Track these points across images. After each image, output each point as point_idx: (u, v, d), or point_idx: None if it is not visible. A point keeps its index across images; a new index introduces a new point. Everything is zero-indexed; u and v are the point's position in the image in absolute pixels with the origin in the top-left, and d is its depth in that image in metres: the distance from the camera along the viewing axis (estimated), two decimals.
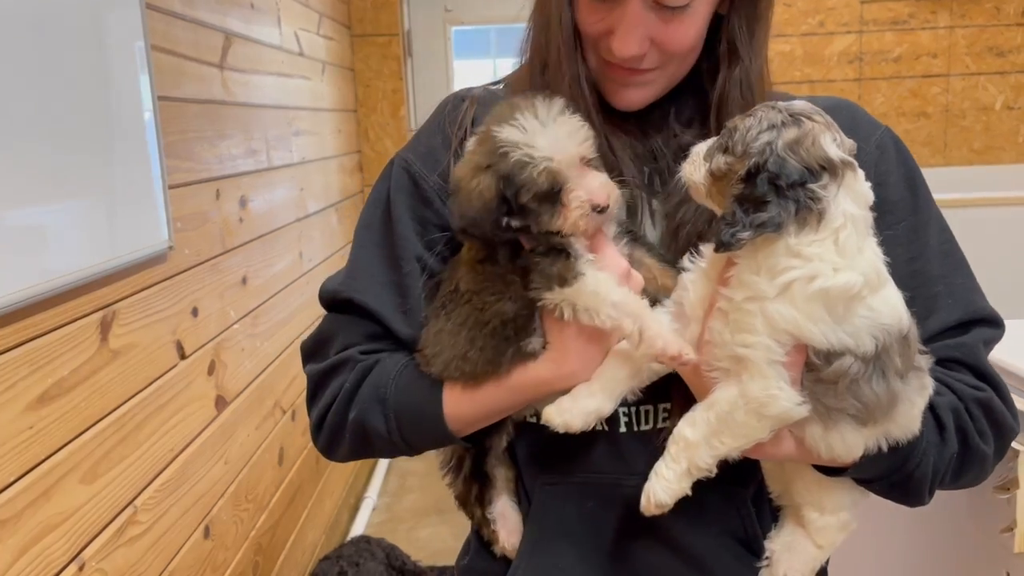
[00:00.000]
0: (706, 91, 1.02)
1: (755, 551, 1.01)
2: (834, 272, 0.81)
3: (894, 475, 0.92)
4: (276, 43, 2.82)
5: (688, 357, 0.87)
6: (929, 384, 0.89)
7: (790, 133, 0.82)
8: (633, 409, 1.01)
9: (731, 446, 0.86)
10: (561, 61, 0.98)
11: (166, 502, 1.82)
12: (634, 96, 1.00)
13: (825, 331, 0.81)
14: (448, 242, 1.04)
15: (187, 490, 1.93)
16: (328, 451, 1.08)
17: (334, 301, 1.06)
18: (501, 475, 1.07)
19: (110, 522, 1.58)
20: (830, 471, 0.93)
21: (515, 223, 0.91)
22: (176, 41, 1.99)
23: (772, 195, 0.80)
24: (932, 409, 0.91)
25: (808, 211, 0.80)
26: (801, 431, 0.87)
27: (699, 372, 0.88)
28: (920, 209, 1.02)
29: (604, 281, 0.89)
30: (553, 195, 0.89)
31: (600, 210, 0.89)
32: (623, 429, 1.02)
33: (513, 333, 0.95)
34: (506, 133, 0.90)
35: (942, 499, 1.26)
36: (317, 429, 1.06)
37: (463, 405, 0.98)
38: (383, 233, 1.05)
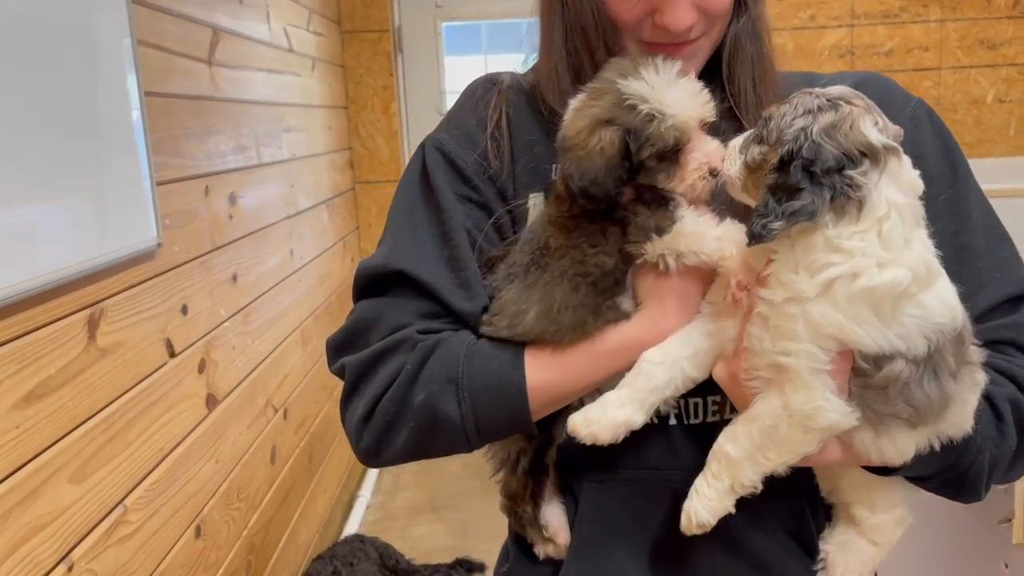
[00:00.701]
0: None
1: (809, 550, 0.98)
2: (879, 268, 0.75)
3: (948, 472, 0.88)
4: (265, 39, 2.80)
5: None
6: (982, 379, 0.84)
7: (826, 118, 0.77)
8: (682, 402, 0.97)
9: (777, 461, 0.81)
10: (604, 52, 0.95)
11: (156, 501, 1.80)
12: (686, 70, 0.96)
13: (873, 334, 0.75)
14: (493, 224, 1.01)
15: (178, 489, 1.91)
16: (377, 449, 0.95)
17: (378, 277, 0.97)
18: (553, 475, 1.03)
19: (100, 522, 1.56)
20: (880, 470, 0.88)
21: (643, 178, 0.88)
22: (163, 36, 1.97)
23: (806, 182, 0.75)
24: (989, 400, 0.87)
25: (846, 199, 0.75)
26: (849, 437, 0.82)
27: (738, 380, 0.83)
28: (960, 180, 0.98)
29: (703, 221, 0.88)
30: (673, 154, 0.87)
31: (715, 174, 0.88)
32: (673, 422, 0.98)
33: (613, 284, 0.92)
34: (634, 86, 0.87)
35: None
36: (364, 423, 0.94)
37: (547, 374, 0.91)
38: (425, 209, 1.00)
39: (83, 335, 1.54)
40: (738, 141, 0.84)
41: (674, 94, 0.87)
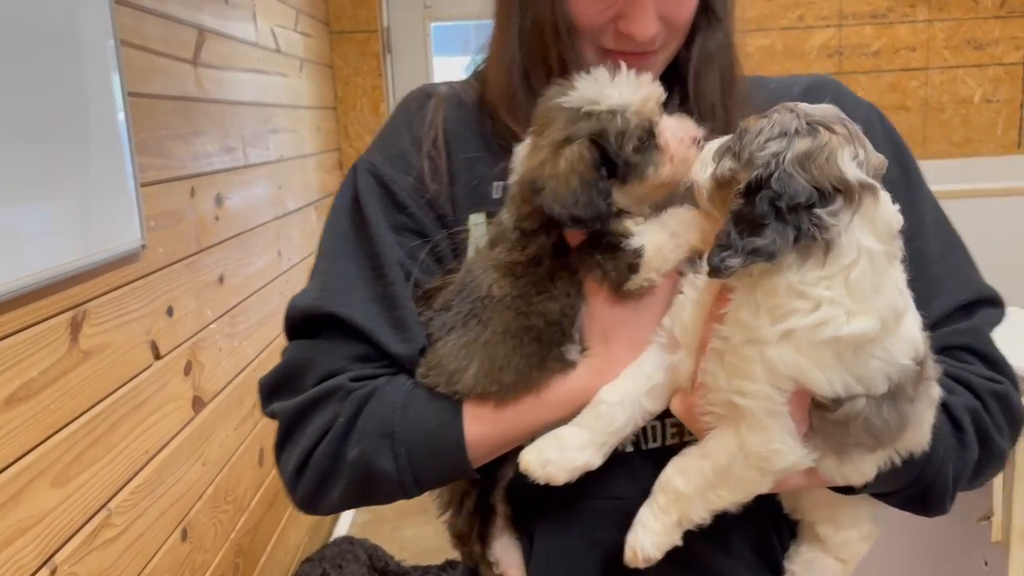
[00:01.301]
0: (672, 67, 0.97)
1: (776, 569, 0.96)
2: (847, 317, 0.70)
3: (912, 488, 0.86)
4: (252, 39, 2.79)
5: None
6: (937, 394, 0.81)
7: (802, 144, 0.71)
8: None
9: (729, 500, 0.78)
10: (562, 57, 0.92)
11: (142, 504, 1.79)
12: None
13: (833, 378, 0.72)
14: (430, 251, 0.95)
15: (164, 492, 1.90)
16: (312, 501, 0.91)
17: (309, 320, 0.92)
18: (501, 511, 0.99)
19: (83, 525, 1.56)
20: (844, 489, 0.85)
21: (616, 189, 0.83)
22: (147, 37, 1.96)
23: (771, 217, 0.69)
24: (948, 411, 0.86)
25: (812, 240, 0.69)
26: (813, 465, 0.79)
27: (692, 415, 0.81)
28: (912, 186, 0.98)
29: (653, 233, 0.85)
30: (648, 142, 0.84)
31: (698, 143, 0.84)
32: (630, 448, 0.94)
33: (559, 335, 0.88)
34: (579, 95, 0.84)
35: None
36: (298, 474, 0.90)
37: (488, 427, 0.87)
38: (357, 241, 0.94)
39: (66, 337, 1.53)
40: (714, 145, 0.80)
41: (619, 88, 0.84)
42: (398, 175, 0.96)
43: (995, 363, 0.93)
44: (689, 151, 0.84)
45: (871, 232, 0.71)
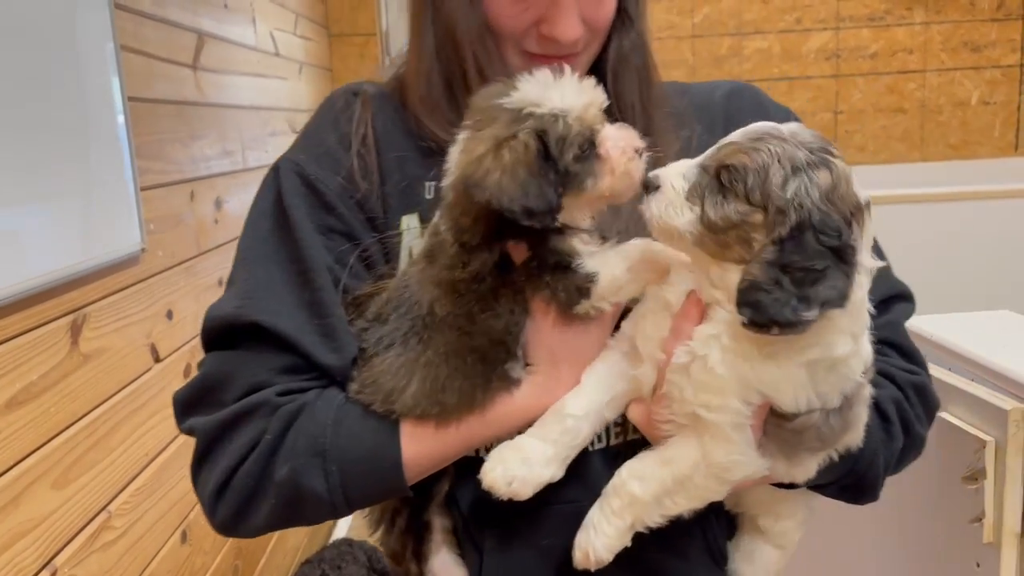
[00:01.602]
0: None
1: (718, 560, 0.98)
2: (853, 340, 0.72)
3: (846, 479, 0.90)
4: (251, 43, 2.81)
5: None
6: (869, 393, 0.84)
7: (823, 178, 0.69)
8: None
9: (684, 507, 0.79)
10: (479, 64, 0.90)
11: (142, 507, 1.80)
12: None
13: (799, 395, 0.74)
14: (360, 255, 0.91)
15: (163, 494, 1.91)
16: (234, 523, 0.86)
17: (230, 330, 0.86)
18: (438, 525, 0.95)
19: (83, 528, 1.56)
20: (784, 485, 0.89)
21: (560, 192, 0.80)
22: (146, 41, 1.97)
23: (828, 259, 0.67)
24: (876, 405, 0.88)
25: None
26: None
27: (652, 424, 0.82)
28: None
29: (609, 262, 0.82)
30: (589, 151, 0.80)
31: (640, 154, 0.82)
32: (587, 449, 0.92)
33: (503, 353, 0.85)
34: (522, 96, 0.80)
35: (911, 491, 1.27)
36: (218, 495, 0.85)
37: (427, 445, 0.85)
38: (281, 245, 0.89)
39: (66, 341, 1.54)
40: (678, 184, 0.74)
41: (562, 92, 0.81)
42: (325, 174, 0.92)
43: (911, 354, 0.97)
44: (631, 164, 0.81)
45: (867, 248, 0.71)
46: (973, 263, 3.10)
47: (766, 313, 0.67)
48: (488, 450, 0.88)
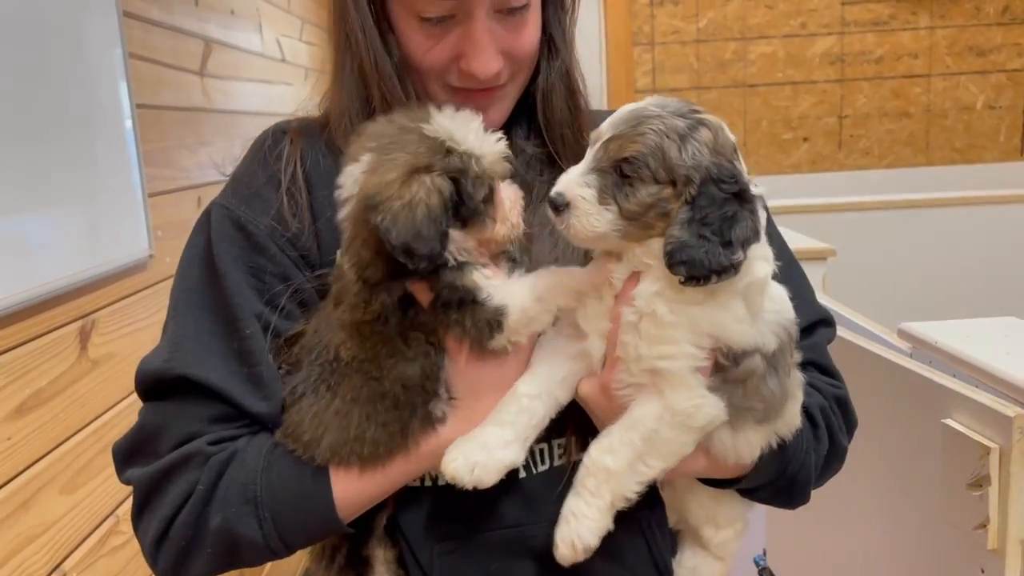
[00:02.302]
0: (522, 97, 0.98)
1: (663, 572, 0.99)
2: (767, 262, 0.80)
3: (780, 480, 0.93)
4: (257, 49, 2.82)
5: (616, 276, 0.82)
6: (802, 379, 0.89)
7: (705, 135, 0.77)
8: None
9: (658, 468, 0.81)
10: (390, 101, 0.89)
11: None
12: (494, 116, 0.94)
13: (745, 330, 0.79)
14: (293, 295, 0.90)
15: None
16: (175, 571, 0.86)
17: (160, 384, 0.87)
18: (380, 556, 0.93)
19: (91, 532, 1.57)
20: (720, 484, 0.93)
21: (456, 232, 0.81)
22: (154, 48, 1.99)
23: (736, 205, 0.75)
24: (805, 409, 0.93)
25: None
26: (709, 441, 0.84)
27: (609, 392, 0.83)
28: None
29: (517, 293, 0.82)
30: (490, 198, 0.82)
31: (526, 209, 0.85)
32: (523, 474, 0.93)
33: (421, 399, 0.84)
34: (444, 128, 0.80)
35: (915, 497, 1.27)
36: (157, 545, 0.85)
37: (357, 484, 0.85)
38: (209, 294, 0.89)
39: (75, 347, 1.55)
40: (583, 193, 0.79)
41: (476, 134, 0.81)
42: (255, 215, 0.91)
43: (834, 374, 1.02)
44: (518, 218, 0.84)
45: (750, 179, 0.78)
46: (978, 268, 3.10)
47: (702, 266, 0.74)
48: (434, 478, 0.91)
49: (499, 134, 0.84)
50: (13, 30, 1.40)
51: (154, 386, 0.88)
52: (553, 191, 0.81)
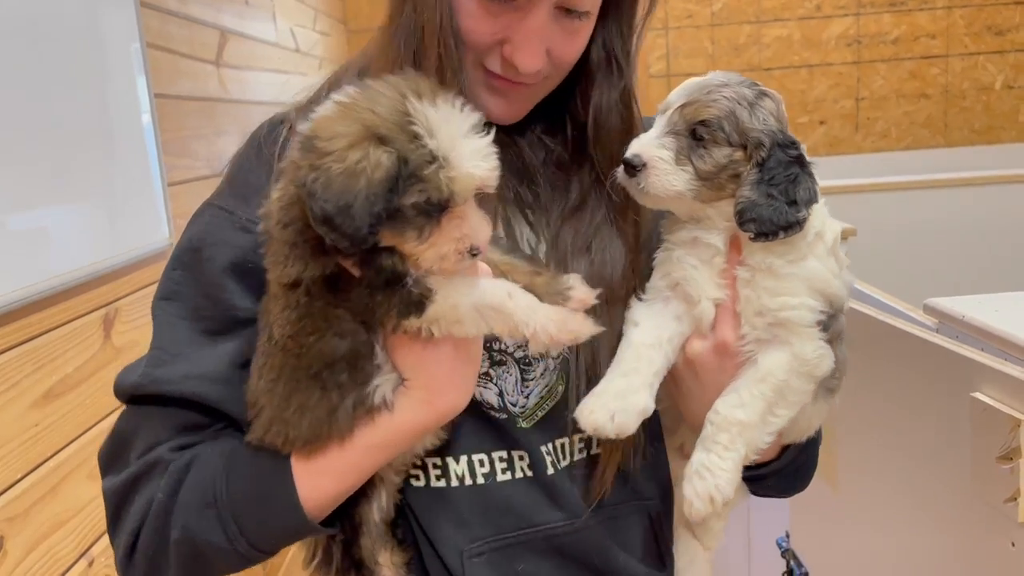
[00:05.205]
0: (559, 102, 0.94)
1: (666, 563, 0.99)
2: (830, 219, 0.85)
3: (791, 465, 0.94)
4: (272, 39, 2.83)
5: (582, 334, 0.78)
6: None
7: (770, 104, 0.83)
8: (550, 446, 0.91)
9: (785, 417, 0.85)
10: (444, 72, 0.84)
11: None
12: (513, 109, 0.91)
13: (841, 286, 0.84)
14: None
15: None
16: None
17: (135, 395, 0.85)
18: (387, 560, 0.87)
19: None
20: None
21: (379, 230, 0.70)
22: (171, 39, 1.99)
23: (796, 166, 0.81)
24: None
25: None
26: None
27: (727, 350, 0.85)
28: None
29: (457, 290, 0.74)
30: (437, 212, 0.71)
31: (474, 253, 0.73)
32: (551, 471, 0.90)
33: (348, 378, 0.76)
34: (426, 113, 0.70)
35: (945, 472, 1.26)
36: (128, 560, 0.83)
37: (320, 478, 0.79)
38: (193, 293, 0.86)
39: (99, 334, 1.56)
40: (662, 154, 0.82)
41: (466, 145, 0.71)
42: (252, 212, 0.84)
43: None
44: (453, 256, 0.72)
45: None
46: (999, 247, 3.07)
47: (771, 223, 0.80)
48: (460, 478, 0.88)
49: (494, 163, 0.74)
50: (31, 23, 1.40)
51: (128, 400, 0.86)
52: (628, 153, 0.84)
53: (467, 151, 0.71)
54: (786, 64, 4.22)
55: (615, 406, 0.83)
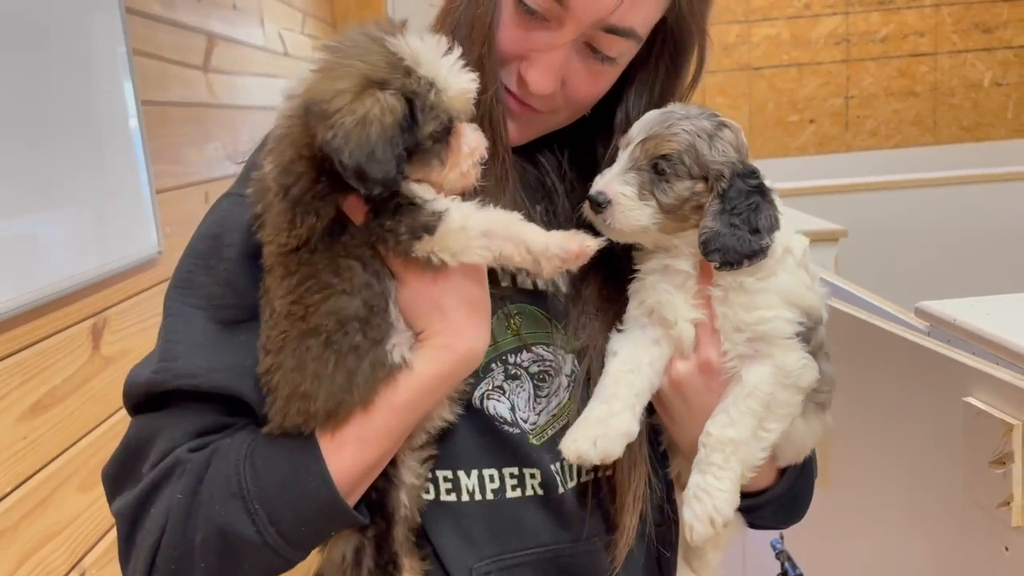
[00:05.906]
0: (587, 132, 0.94)
1: None
2: (797, 234, 0.87)
3: (788, 494, 0.94)
4: (260, 44, 2.81)
5: (590, 245, 0.77)
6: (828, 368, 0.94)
7: (729, 136, 0.85)
8: (558, 465, 0.89)
9: (777, 430, 0.85)
10: (484, 69, 0.84)
11: None
12: (519, 133, 0.90)
13: (815, 297, 0.86)
14: None
15: None
16: None
17: (150, 397, 0.78)
18: (407, 565, 0.84)
19: (110, 529, 1.58)
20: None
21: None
22: (158, 44, 1.98)
23: (756, 195, 0.83)
24: None
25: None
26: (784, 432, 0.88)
27: (711, 369, 0.86)
28: None
29: (467, 212, 0.74)
30: (442, 136, 0.74)
31: (484, 162, 0.77)
32: (561, 489, 0.89)
33: (362, 338, 0.74)
34: (409, 47, 0.72)
35: (938, 476, 1.26)
36: None
37: (350, 448, 0.75)
38: (210, 288, 0.81)
39: (87, 345, 1.55)
40: (624, 190, 0.83)
41: (447, 63, 0.74)
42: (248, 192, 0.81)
43: None
44: (472, 168, 0.76)
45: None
46: (988, 246, 3.08)
47: (735, 252, 0.81)
48: (471, 492, 0.87)
49: (473, 75, 0.76)
50: (16, 29, 1.39)
51: (144, 400, 0.79)
52: (593, 190, 0.84)
53: (451, 69, 0.74)
54: (775, 63, 4.23)
55: (596, 432, 0.83)
